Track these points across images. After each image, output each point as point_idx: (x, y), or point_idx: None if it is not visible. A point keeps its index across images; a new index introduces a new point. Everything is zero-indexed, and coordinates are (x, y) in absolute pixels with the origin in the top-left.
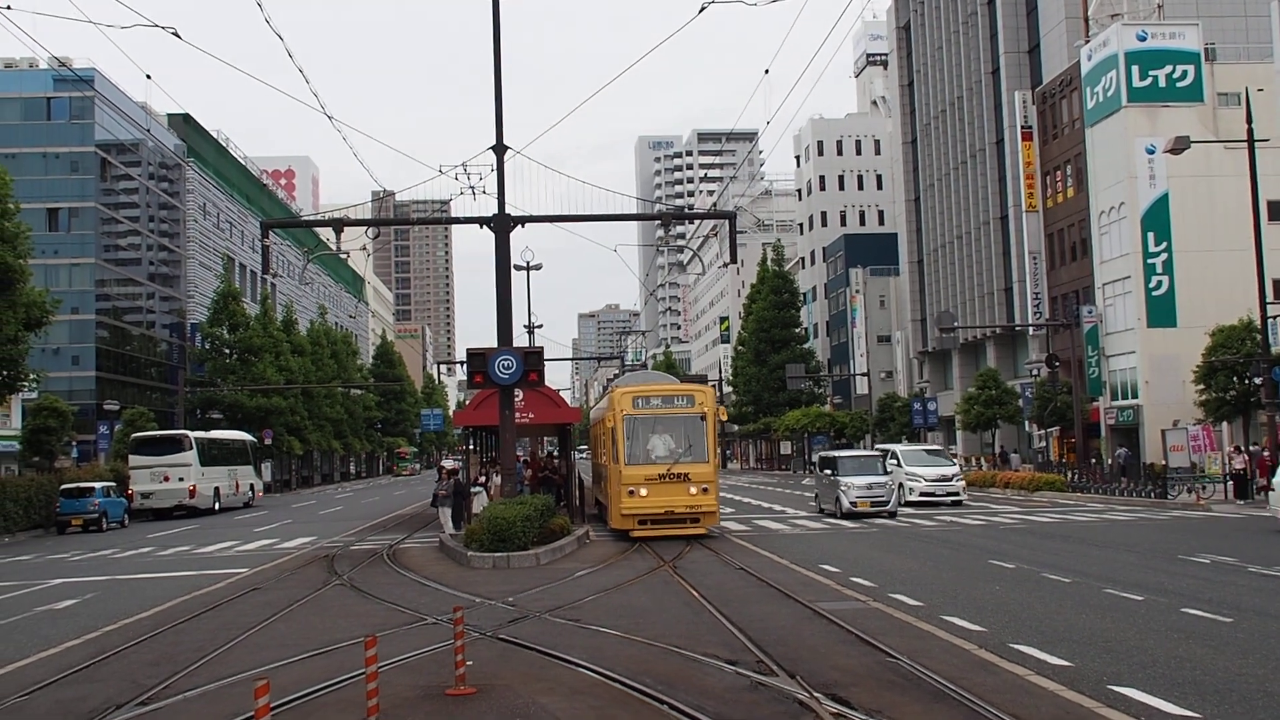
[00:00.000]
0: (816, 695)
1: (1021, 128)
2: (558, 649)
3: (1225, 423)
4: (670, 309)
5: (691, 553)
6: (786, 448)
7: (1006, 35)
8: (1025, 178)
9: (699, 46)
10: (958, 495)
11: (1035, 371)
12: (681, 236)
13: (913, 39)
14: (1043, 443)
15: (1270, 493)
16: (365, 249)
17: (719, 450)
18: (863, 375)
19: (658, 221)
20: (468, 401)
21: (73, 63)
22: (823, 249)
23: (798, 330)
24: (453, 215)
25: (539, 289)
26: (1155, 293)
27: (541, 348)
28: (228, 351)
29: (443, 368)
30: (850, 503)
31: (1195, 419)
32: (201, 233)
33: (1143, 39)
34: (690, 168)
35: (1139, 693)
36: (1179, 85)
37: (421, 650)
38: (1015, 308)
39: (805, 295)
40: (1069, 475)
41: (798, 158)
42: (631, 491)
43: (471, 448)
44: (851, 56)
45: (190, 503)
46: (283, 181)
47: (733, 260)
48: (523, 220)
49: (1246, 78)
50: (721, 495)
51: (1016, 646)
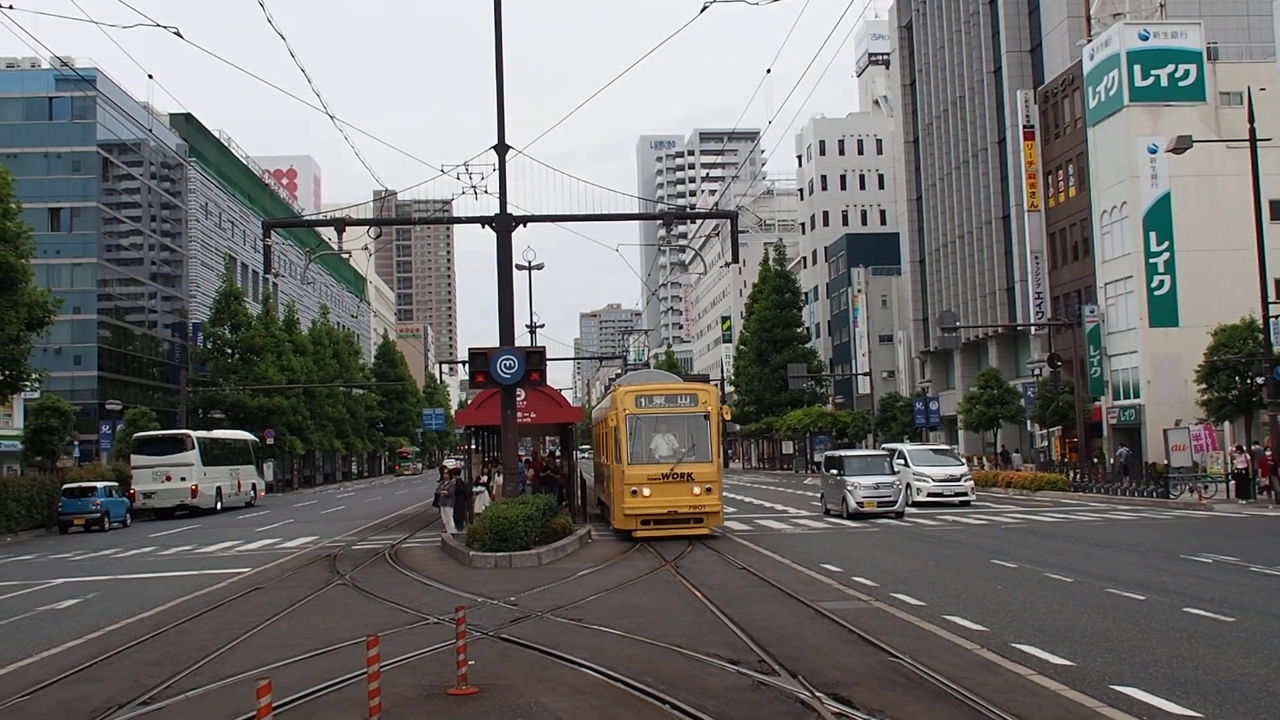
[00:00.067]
0: (818, 695)
1: (1023, 127)
2: (560, 649)
3: (1227, 422)
4: (672, 308)
5: (693, 552)
6: (788, 447)
7: (1008, 34)
8: (1027, 177)
9: (700, 46)
10: (966, 496)
11: (1037, 371)
12: (683, 236)
13: (914, 38)
14: (1044, 442)
15: None
16: (367, 248)
17: (722, 450)
18: (865, 375)
19: (659, 221)
20: (470, 401)
21: (74, 62)
22: (824, 248)
23: (799, 330)
24: (454, 215)
25: (541, 288)
26: (1157, 292)
27: (543, 347)
28: (230, 351)
29: (444, 367)
30: (857, 503)
31: (1197, 418)
32: (203, 232)
33: (1145, 38)
34: (692, 167)
35: (1141, 692)
36: (1181, 85)
37: (423, 650)
38: (1017, 307)
39: (807, 295)
40: (1071, 475)
41: (799, 157)
42: (634, 491)
43: (473, 447)
44: (853, 56)
45: (192, 502)
46: (284, 181)
47: (734, 260)
48: (524, 220)
49: (1248, 77)
50: (724, 495)
51: (1018, 646)
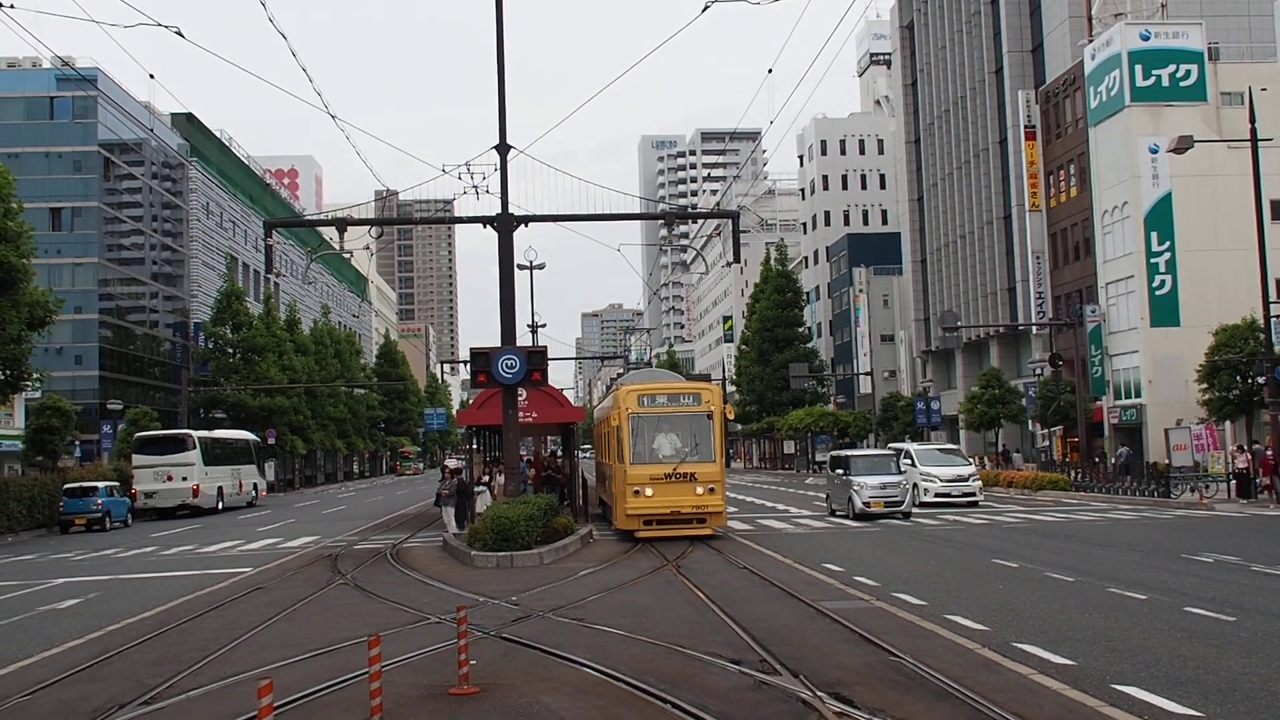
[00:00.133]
0: (820, 694)
1: (1025, 127)
2: (561, 648)
3: (1228, 422)
4: (673, 308)
5: (695, 552)
6: (790, 447)
7: (1010, 34)
8: (1028, 177)
9: (702, 45)
10: (974, 496)
11: (1038, 371)
12: (685, 236)
13: (916, 38)
14: (1046, 442)
15: None
16: (368, 248)
17: (726, 449)
18: (866, 374)
19: (661, 221)
20: (471, 401)
21: (76, 62)
22: (826, 248)
23: (801, 330)
24: (456, 215)
25: (542, 288)
26: (1158, 292)
27: (545, 347)
28: (231, 351)
29: (446, 367)
30: (863, 503)
31: (1198, 418)
32: (205, 232)
33: (1146, 38)
34: (693, 167)
35: (1142, 692)
36: (1182, 85)
37: (425, 649)
38: (1018, 307)
39: (808, 295)
40: (1072, 474)
41: (801, 157)
42: (637, 491)
43: (475, 447)
44: (855, 56)
45: (193, 502)
46: (286, 181)
47: (736, 260)
48: (526, 220)
49: (1250, 77)
50: (726, 495)
51: (1020, 645)
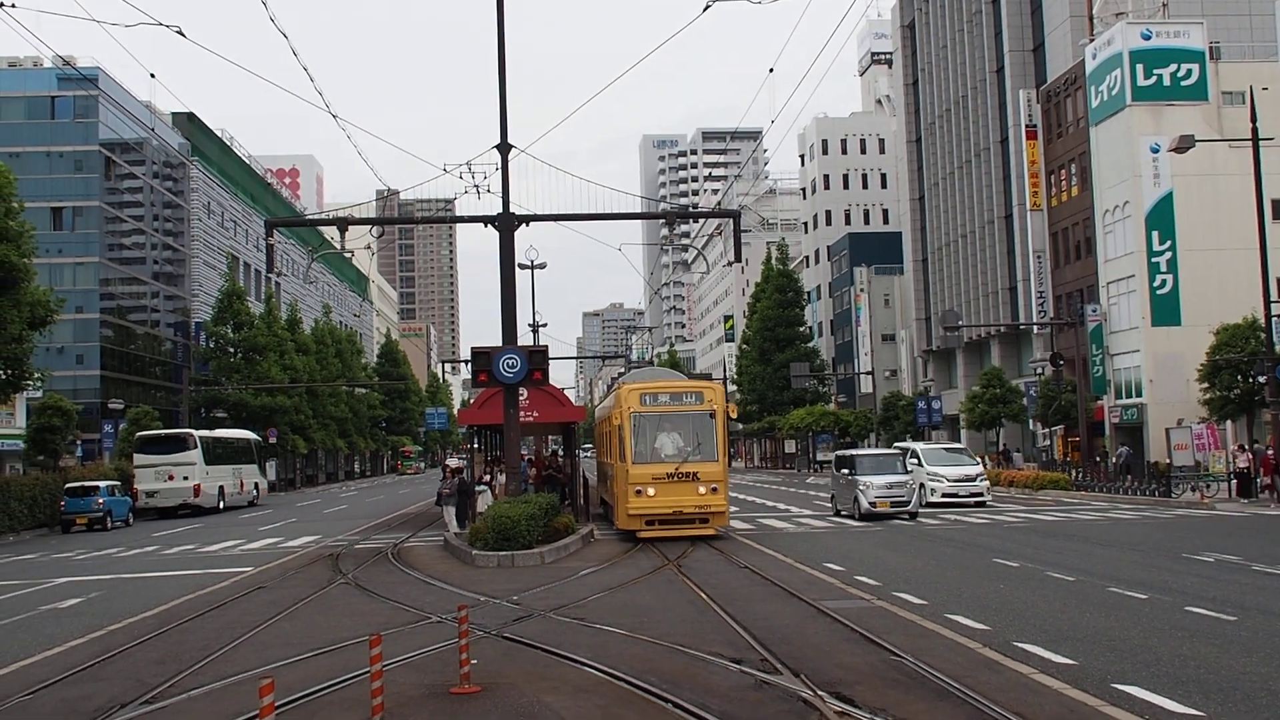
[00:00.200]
0: (821, 694)
1: (1026, 126)
2: (562, 647)
3: (1229, 421)
4: (674, 308)
5: (696, 551)
6: (791, 446)
7: (1011, 34)
8: (1030, 176)
9: (703, 45)
10: (981, 496)
11: (1039, 370)
12: (686, 235)
13: (917, 37)
14: (1047, 441)
15: None
16: (370, 248)
17: (728, 449)
18: (867, 374)
19: (662, 220)
20: (472, 400)
21: (77, 61)
22: (827, 248)
23: (802, 329)
24: (457, 214)
25: (543, 288)
26: (1159, 291)
27: (546, 346)
28: (232, 350)
29: (447, 366)
30: (869, 503)
31: (1199, 417)
32: (206, 231)
33: (1147, 38)
34: (694, 166)
35: (1143, 691)
36: (1183, 84)
37: (426, 649)
38: (1020, 306)
39: (810, 294)
40: (1073, 474)
41: (802, 156)
42: (639, 491)
43: (476, 446)
44: (856, 55)
45: (195, 501)
46: (287, 180)
47: (737, 259)
48: (527, 219)
49: (1251, 76)
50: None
51: (1021, 645)
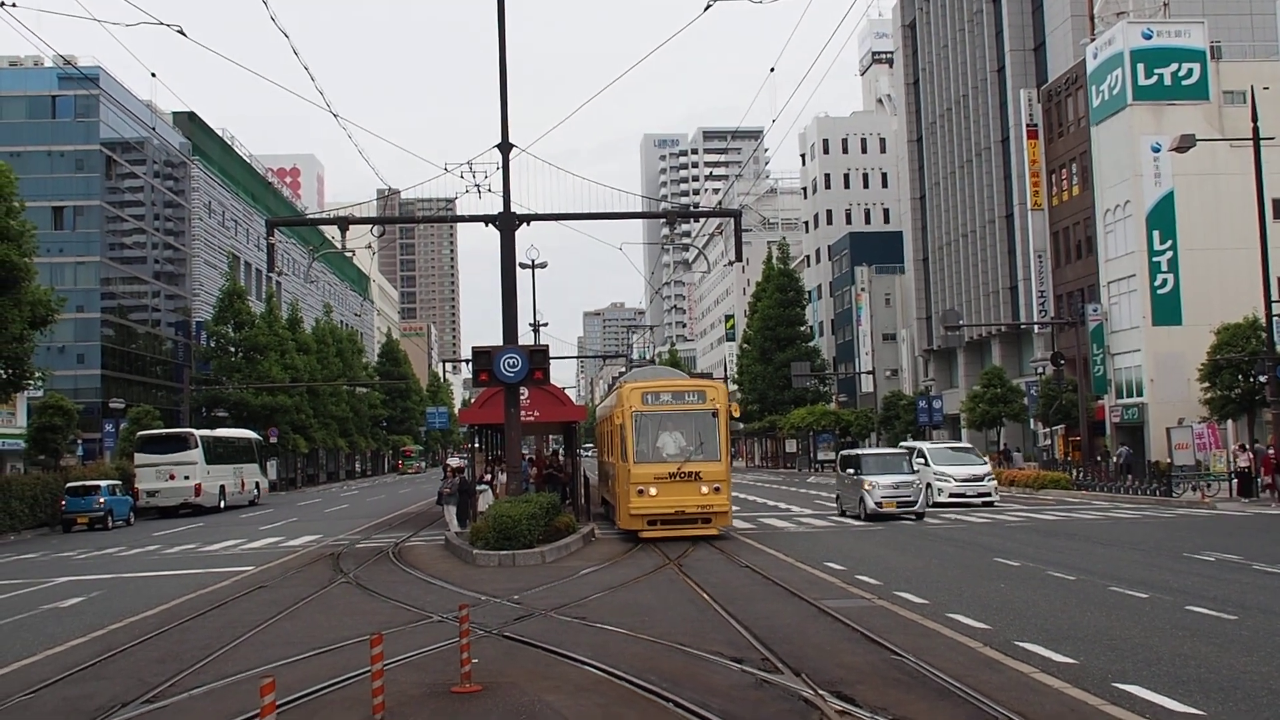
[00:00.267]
0: (822, 693)
1: (1027, 126)
2: (563, 647)
3: (1230, 420)
4: (675, 307)
5: (697, 551)
6: (791, 446)
7: (1012, 33)
8: (1030, 176)
9: (704, 44)
10: (989, 496)
11: (1040, 369)
12: (687, 235)
13: (918, 37)
14: (1048, 441)
15: None
16: (370, 247)
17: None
18: (868, 373)
19: (663, 220)
20: (473, 399)
21: (78, 61)
22: (828, 247)
23: (803, 328)
24: (458, 214)
25: (544, 287)
26: (1160, 291)
27: (547, 345)
28: (233, 350)
29: (448, 366)
30: (875, 503)
31: (1200, 417)
32: (206, 231)
33: (1148, 37)
34: (695, 166)
35: (1144, 690)
36: (1184, 83)
37: (427, 648)
38: (1020, 306)
39: (810, 293)
40: (1074, 473)
41: (803, 156)
42: (641, 491)
43: (477, 446)
44: (857, 54)
45: (196, 501)
46: (288, 180)
47: (738, 258)
48: (528, 219)
49: (1252, 75)
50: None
51: (1021, 644)
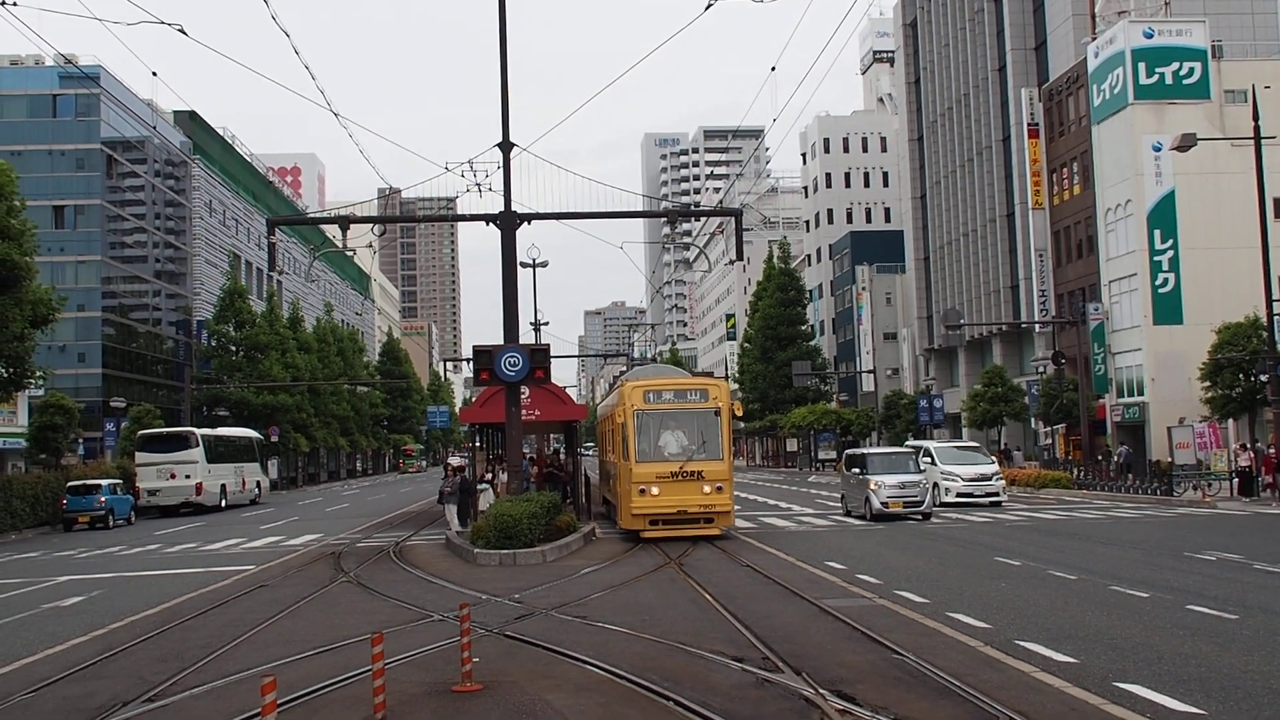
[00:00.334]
0: (822, 692)
1: (1028, 125)
2: (564, 646)
3: (1231, 420)
4: (676, 306)
5: (697, 550)
6: (792, 445)
7: (1013, 32)
8: (1031, 175)
9: (704, 44)
10: (997, 496)
11: (1041, 369)
12: (688, 234)
13: (919, 36)
14: (1048, 440)
15: None
16: (371, 246)
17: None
18: (869, 372)
19: (664, 219)
20: (474, 398)
21: (78, 60)
22: (829, 246)
23: (804, 327)
24: (459, 213)
25: (545, 286)
26: (1161, 290)
27: (548, 345)
28: (234, 349)
29: (449, 365)
30: (881, 503)
31: (1201, 416)
32: (207, 230)
33: (1149, 36)
34: (696, 165)
35: (1144, 689)
36: (1186, 82)
37: (428, 647)
38: (1021, 305)
39: (811, 292)
40: (1075, 473)
41: (804, 155)
42: (643, 490)
43: (478, 445)
44: (858, 54)
45: (197, 500)
46: (289, 179)
47: (739, 257)
48: (529, 218)
49: (1253, 75)
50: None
51: (1022, 643)
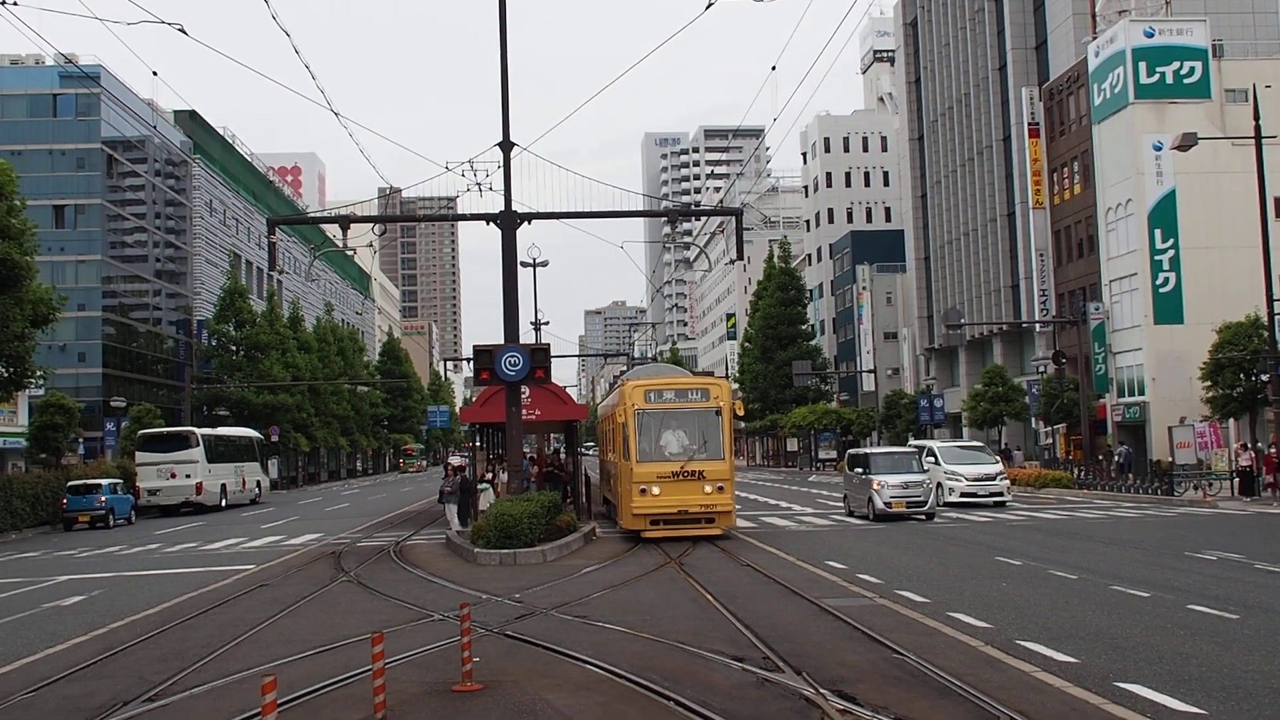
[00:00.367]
0: (823, 692)
1: (1028, 124)
2: (564, 645)
3: (1232, 419)
4: (677, 305)
5: (698, 549)
6: (793, 445)
7: (1013, 31)
8: (1032, 174)
9: (705, 43)
10: (1001, 495)
11: (1042, 368)
12: (688, 233)
13: (920, 35)
14: (1049, 440)
15: None
16: (372, 246)
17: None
18: (869, 372)
19: (664, 218)
20: (474, 398)
21: (79, 59)
22: (829, 245)
23: (804, 327)
24: (459, 212)
25: (545, 286)
26: (1162, 289)
27: (548, 344)
28: (234, 348)
29: (449, 364)
30: (884, 503)
31: (1202, 416)
32: (208, 229)
33: (1150, 35)
34: (697, 164)
35: (1145, 689)
36: (1186, 82)
37: (428, 646)
38: (1022, 304)
39: (812, 292)
40: (1076, 472)
41: (804, 154)
42: (643, 490)
43: (478, 444)
44: (858, 53)
45: (197, 499)
46: (289, 178)
47: (739, 257)
48: (529, 217)
49: (1254, 74)
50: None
51: (1023, 643)
